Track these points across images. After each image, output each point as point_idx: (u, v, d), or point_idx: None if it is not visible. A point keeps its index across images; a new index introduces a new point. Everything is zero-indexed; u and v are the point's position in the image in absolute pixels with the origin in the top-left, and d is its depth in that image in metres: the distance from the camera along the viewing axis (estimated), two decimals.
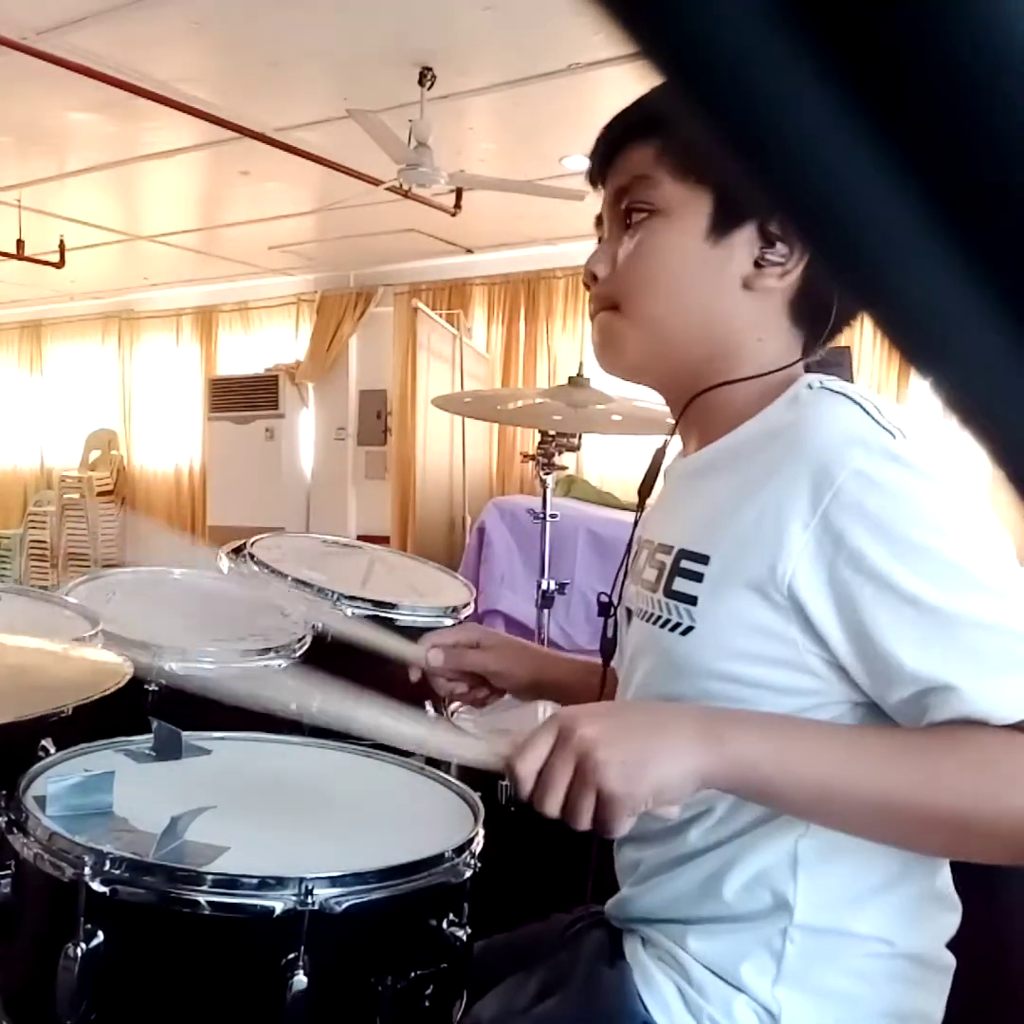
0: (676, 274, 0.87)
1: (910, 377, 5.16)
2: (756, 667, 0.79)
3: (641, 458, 4.25)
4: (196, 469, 8.08)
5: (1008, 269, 0.16)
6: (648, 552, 0.92)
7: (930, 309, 0.17)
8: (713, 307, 0.87)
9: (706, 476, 0.89)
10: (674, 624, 0.84)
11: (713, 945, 0.84)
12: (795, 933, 0.81)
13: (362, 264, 7.04)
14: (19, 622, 1.42)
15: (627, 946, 0.91)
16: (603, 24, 0.16)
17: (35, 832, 0.89)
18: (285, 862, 0.86)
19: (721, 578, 0.81)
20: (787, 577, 0.76)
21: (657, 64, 0.16)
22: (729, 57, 0.16)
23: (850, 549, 0.74)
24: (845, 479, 0.74)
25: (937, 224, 0.16)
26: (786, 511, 0.76)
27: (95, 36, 3.61)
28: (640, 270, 0.88)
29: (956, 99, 0.15)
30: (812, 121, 0.16)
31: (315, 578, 1.77)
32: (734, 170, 0.17)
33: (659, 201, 0.86)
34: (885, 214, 0.16)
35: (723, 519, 0.82)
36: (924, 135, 0.16)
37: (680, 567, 0.84)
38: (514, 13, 3.39)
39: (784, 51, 0.15)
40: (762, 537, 0.78)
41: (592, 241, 0.94)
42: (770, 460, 0.80)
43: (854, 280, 0.18)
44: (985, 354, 0.18)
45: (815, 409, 0.81)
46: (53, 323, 8.97)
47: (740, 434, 0.87)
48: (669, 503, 0.96)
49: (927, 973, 0.86)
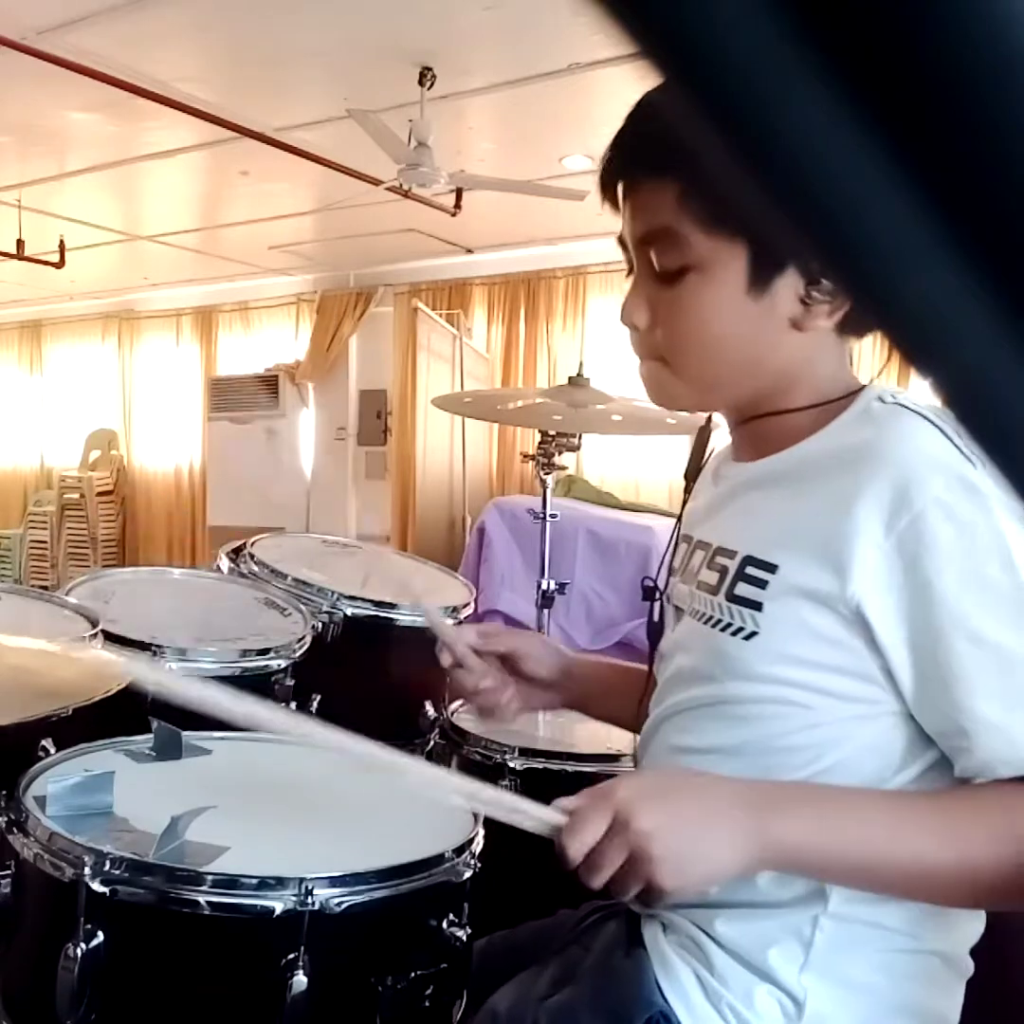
0: (721, 332, 0.84)
1: (910, 377, 5.16)
2: (816, 673, 0.80)
3: (641, 458, 4.26)
4: (196, 469, 8.08)
5: (1009, 268, 0.16)
6: (705, 554, 0.91)
7: (930, 309, 0.17)
8: (763, 353, 0.85)
9: (773, 486, 0.87)
10: (736, 628, 0.84)
11: (742, 929, 0.84)
12: (826, 922, 0.82)
13: (362, 264, 7.04)
14: (19, 622, 1.42)
15: (646, 933, 0.90)
16: (603, 24, 0.16)
17: (35, 832, 0.89)
18: (285, 862, 0.86)
19: (788, 587, 0.81)
20: (856, 595, 0.77)
21: (658, 65, 0.16)
22: (734, 58, 0.15)
23: (921, 577, 0.75)
24: (924, 506, 0.74)
25: (937, 223, 0.16)
26: (860, 530, 0.76)
27: (95, 36, 3.61)
28: (682, 329, 0.85)
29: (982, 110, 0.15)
30: (809, 116, 0.16)
31: (315, 578, 1.77)
32: (755, 200, 0.17)
33: (691, 258, 0.81)
34: (883, 211, 0.16)
35: (793, 530, 0.82)
36: (927, 127, 0.16)
37: (745, 573, 0.84)
38: (514, 13, 3.38)
39: (791, 54, 0.15)
40: (833, 552, 0.78)
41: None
42: (847, 477, 0.79)
43: (853, 280, 0.18)
44: (985, 354, 0.18)
45: (894, 429, 0.80)
46: (53, 323, 8.97)
47: (809, 447, 0.85)
48: (728, 508, 0.93)
49: (950, 974, 0.86)
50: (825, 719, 0.81)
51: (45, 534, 8.20)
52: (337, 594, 1.72)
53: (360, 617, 1.71)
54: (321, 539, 2.24)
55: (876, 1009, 0.83)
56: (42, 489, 8.71)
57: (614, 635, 3.92)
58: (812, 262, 0.80)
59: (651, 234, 0.83)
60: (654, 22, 0.15)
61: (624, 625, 3.91)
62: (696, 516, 0.98)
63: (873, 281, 0.18)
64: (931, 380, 0.19)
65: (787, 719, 0.82)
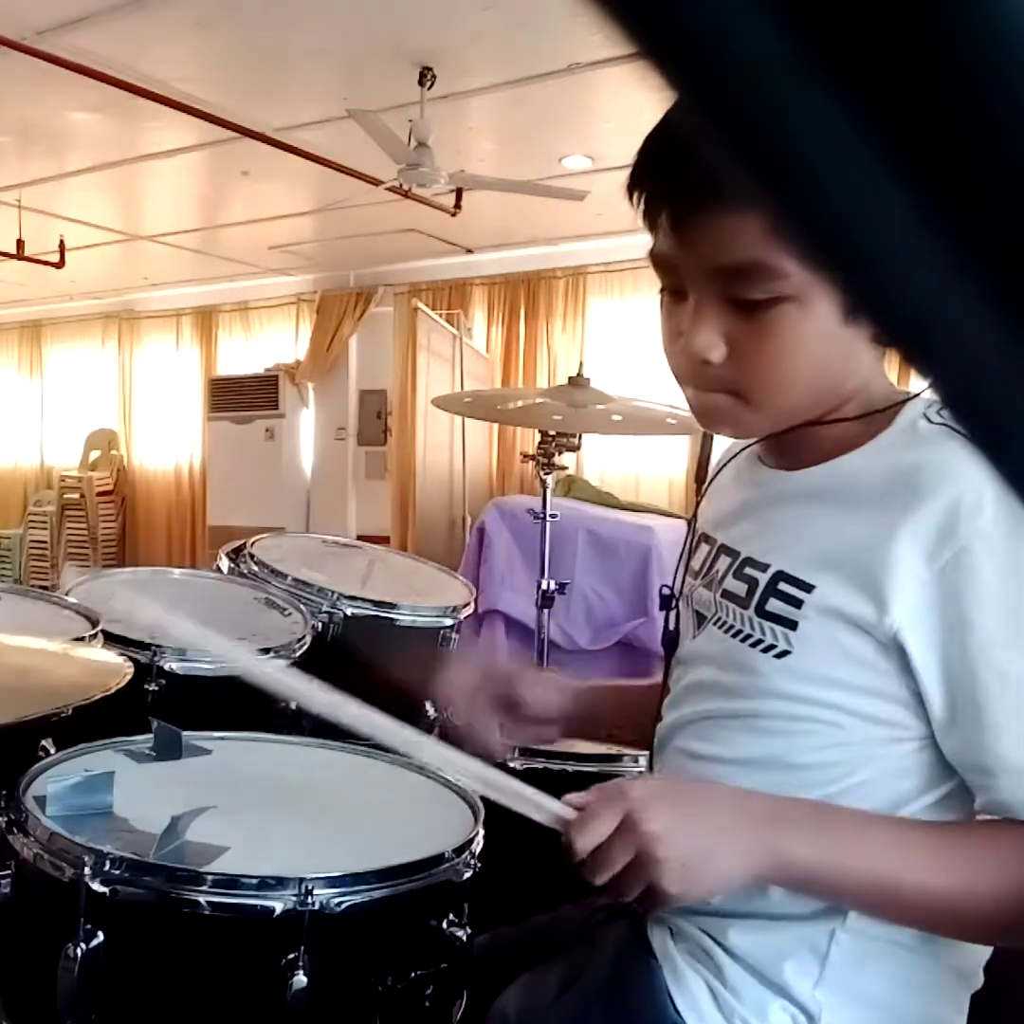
0: (816, 364, 0.80)
1: (910, 377, 5.16)
2: (848, 694, 0.80)
3: (641, 458, 4.26)
4: (196, 469, 8.08)
5: (1009, 268, 0.16)
6: (732, 561, 0.89)
7: (930, 309, 0.17)
8: (845, 375, 0.83)
9: (814, 502, 0.84)
10: (768, 646, 0.82)
11: (756, 941, 0.83)
12: (843, 936, 0.81)
13: (362, 264, 7.04)
14: (19, 622, 1.42)
15: (654, 939, 0.89)
16: (603, 24, 0.16)
17: (35, 832, 0.89)
18: (285, 862, 0.86)
19: (825, 609, 0.79)
20: (895, 625, 0.76)
21: (659, 67, 0.16)
22: (738, 61, 0.15)
23: (961, 612, 0.74)
24: (969, 540, 0.73)
25: (936, 222, 0.16)
26: (903, 559, 0.75)
27: (95, 36, 3.61)
28: (774, 363, 0.79)
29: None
30: (811, 116, 0.16)
31: (315, 578, 1.77)
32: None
33: (787, 290, 0.76)
34: (884, 211, 0.16)
35: (834, 551, 0.80)
36: (925, 127, 0.16)
37: (777, 589, 0.82)
38: (514, 13, 3.38)
39: (797, 57, 0.15)
40: (874, 579, 0.76)
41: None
42: (893, 503, 0.77)
43: (853, 280, 0.18)
44: (985, 354, 0.18)
45: (944, 456, 0.77)
46: (53, 323, 8.96)
47: (854, 462, 0.83)
48: (761, 517, 0.90)
49: (960, 987, 0.86)
50: (853, 739, 0.80)
51: (45, 534, 8.20)
52: (337, 594, 1.72)
53: (360, 617, 1.71)
54: (321, 539, 2.24)
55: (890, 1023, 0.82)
56: (42, 489, 8.71)
57: (614, 635, 3.91)
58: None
59: (738, 267, 0.76)
60: (653, 22, 0.15)
61: (624, 625, 3.91)
62: (719, 518, 0.95)
63: (872, 281, 0.18)
64: (931, 380, 0.19)
65: (815, 737, 0.81)
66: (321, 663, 1.62)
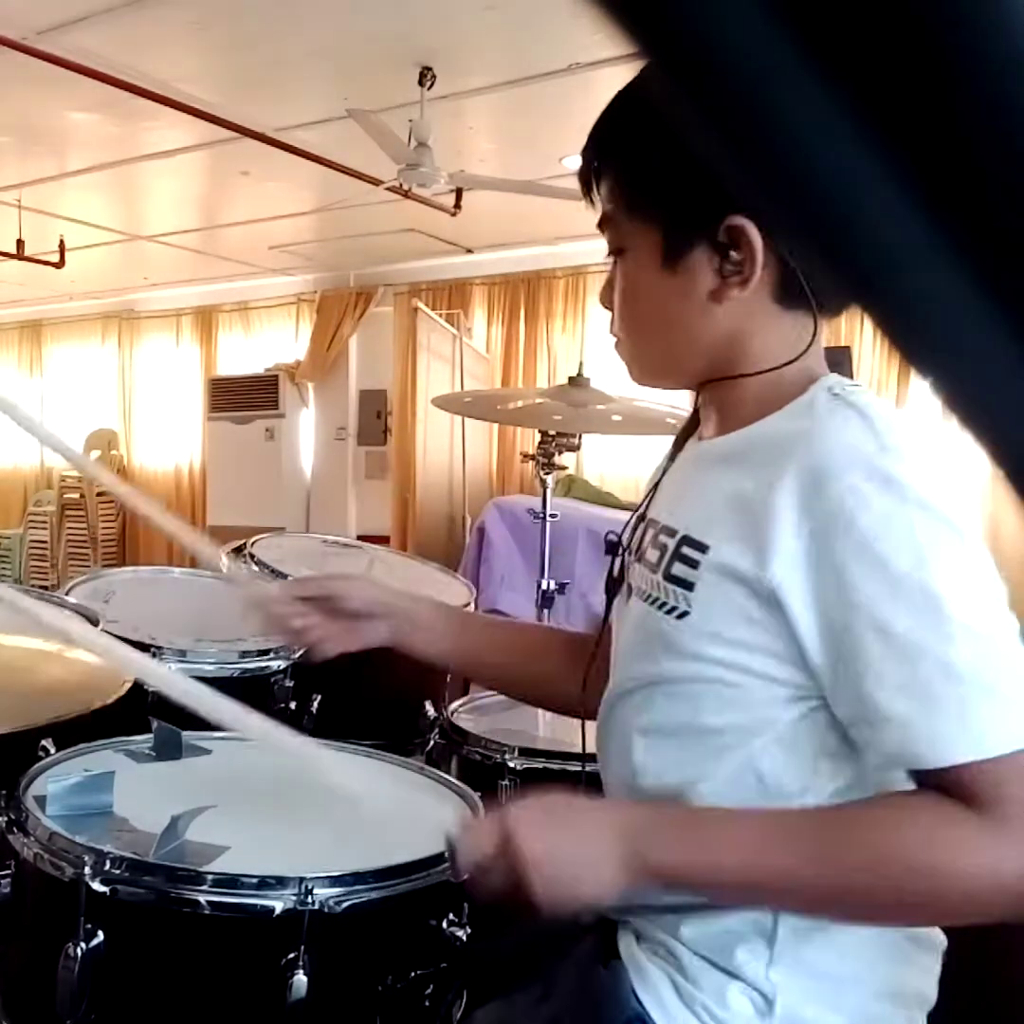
0: (647, 310, 0.91)
1: (910, 377, 5.16)
2: (743, 653, 0.81)
3: (641, 458, 4.26)
4: (196, 469, 8.07)
5: (1009, 269, 0.16)
6: (653, 532, 0.93)
7: (930, 309, 0.17)
8: (693, 327, 0.89)
9: (716, 467, 0.89)
10: (671, 607, 0.86)
11: (706, 931, 0.85)
12: (787, 915, 0.82)
13: (362, 264, 7.04)
14: (19, 623, 1.42)
15: (621, 943, 0.91)
16: (603, 24, 0.16)
17: (35, 832, 0.89)
18: (285, 862, 0.86)
19: (717, 568, 0.82)
20: (775, 577, 0.78)
21: (657, 64, 0.16)
22: (731, 55, 0.16)
23: (834, 563, 0.75)
24: (840, 494, 0.75)
25: (936, 222, 0.16)
26: (780, 513, 0.78)
27: (95, 36, 3.60)
28: (622, 310, 0.93)
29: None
30: (812, 115, 0.16)
31: None
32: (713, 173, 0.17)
33: (622, 241, 0.90)
34: (885, 212, 0.16)
35: (724, 513, 0.83)
36: (930, 133, 0.16)
37: (680, 552, 0.86)
38: (514, 13, 3.38)
39: (786, 49, 0.15)
40: (755, 536, 0.79)
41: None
42: (776, 465, 0.80)
43: (853, 280, 0.18)
44: (985, 354, 0.18)
45: (827, 423, 0.81)
46: (53, 323, 8.96)
47: (754, 431, 0.87)
48: (679, 486, 0.97)
49: (920, 951, 0.87)
50: (753, 699, 0.82)
51: (45, 534, 8.20)
52: None
53: None
54: (321, 539, 2.24)
55: (851, 997, 0.83)
56: (42, 489, 8.71)
57: None
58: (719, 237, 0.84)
59: (601, 218, 0.92)
60: (652, 22, 0.15)
61: None
62: (661, 498, 1.00)
63: (872, 281, 0.18)
64: (930, 380, 0.19)
65: (720, 700, 0.83)
66: (321, 663, 1.62)
